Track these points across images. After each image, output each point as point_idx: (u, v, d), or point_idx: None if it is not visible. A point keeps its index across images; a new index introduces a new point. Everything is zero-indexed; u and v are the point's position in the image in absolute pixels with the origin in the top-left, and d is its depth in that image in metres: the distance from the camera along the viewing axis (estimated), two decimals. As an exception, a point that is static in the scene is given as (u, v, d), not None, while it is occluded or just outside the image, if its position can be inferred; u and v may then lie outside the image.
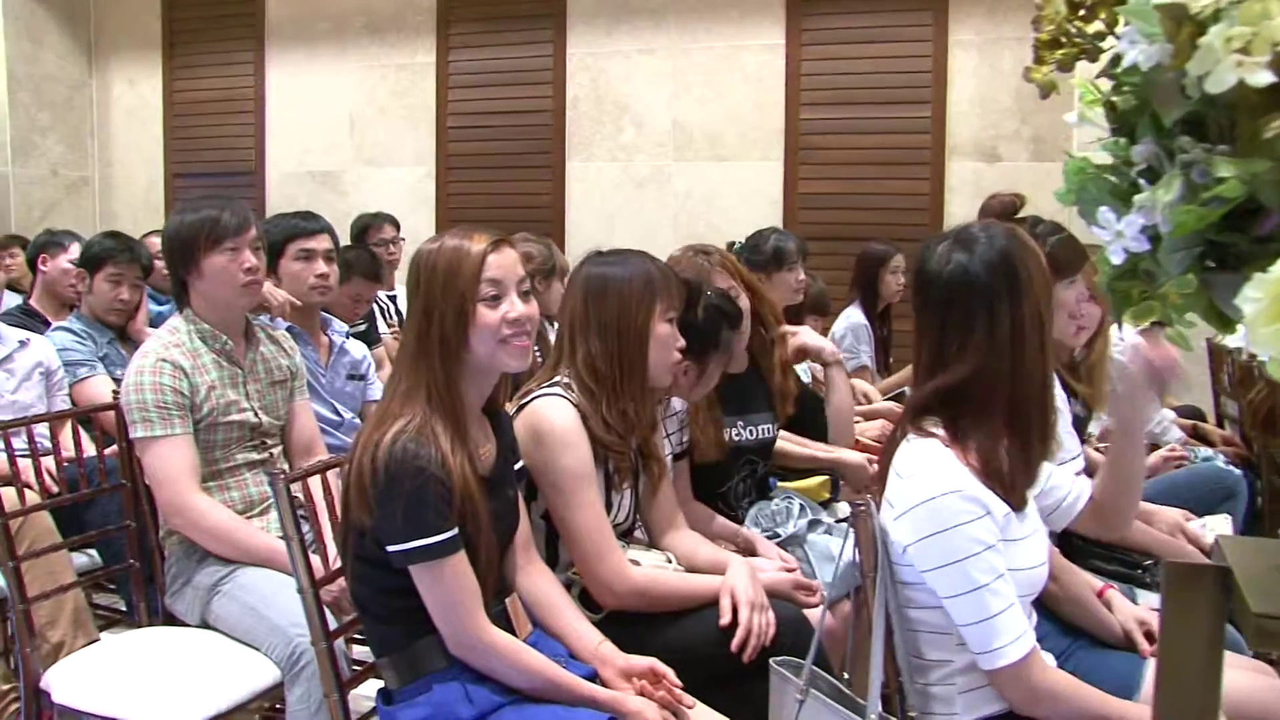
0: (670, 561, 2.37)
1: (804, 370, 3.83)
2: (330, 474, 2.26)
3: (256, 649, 2.45)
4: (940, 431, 1.82)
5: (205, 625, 2.58)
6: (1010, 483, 1.81)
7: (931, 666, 1.85)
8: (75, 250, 4.17)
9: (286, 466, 2.82)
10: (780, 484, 3.10)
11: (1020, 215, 4.31)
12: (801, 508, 2.85)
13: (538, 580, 2.13)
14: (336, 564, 2.11)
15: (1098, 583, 2.28)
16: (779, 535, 2.75)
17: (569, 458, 2.20)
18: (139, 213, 7.92)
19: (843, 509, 3.26)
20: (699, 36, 6.54)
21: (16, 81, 7.58)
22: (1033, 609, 1.91)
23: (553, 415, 2.22)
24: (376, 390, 3.53)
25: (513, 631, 1.97)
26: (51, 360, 3.49)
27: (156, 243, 4.72)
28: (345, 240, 6.38)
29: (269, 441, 2.79)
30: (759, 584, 2.24)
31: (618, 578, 2.20)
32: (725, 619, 2.15)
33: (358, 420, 3.42)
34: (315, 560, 2.16)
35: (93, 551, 3.15)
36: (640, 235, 6.44)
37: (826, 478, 3.28)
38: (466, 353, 1.92)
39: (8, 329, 3.47)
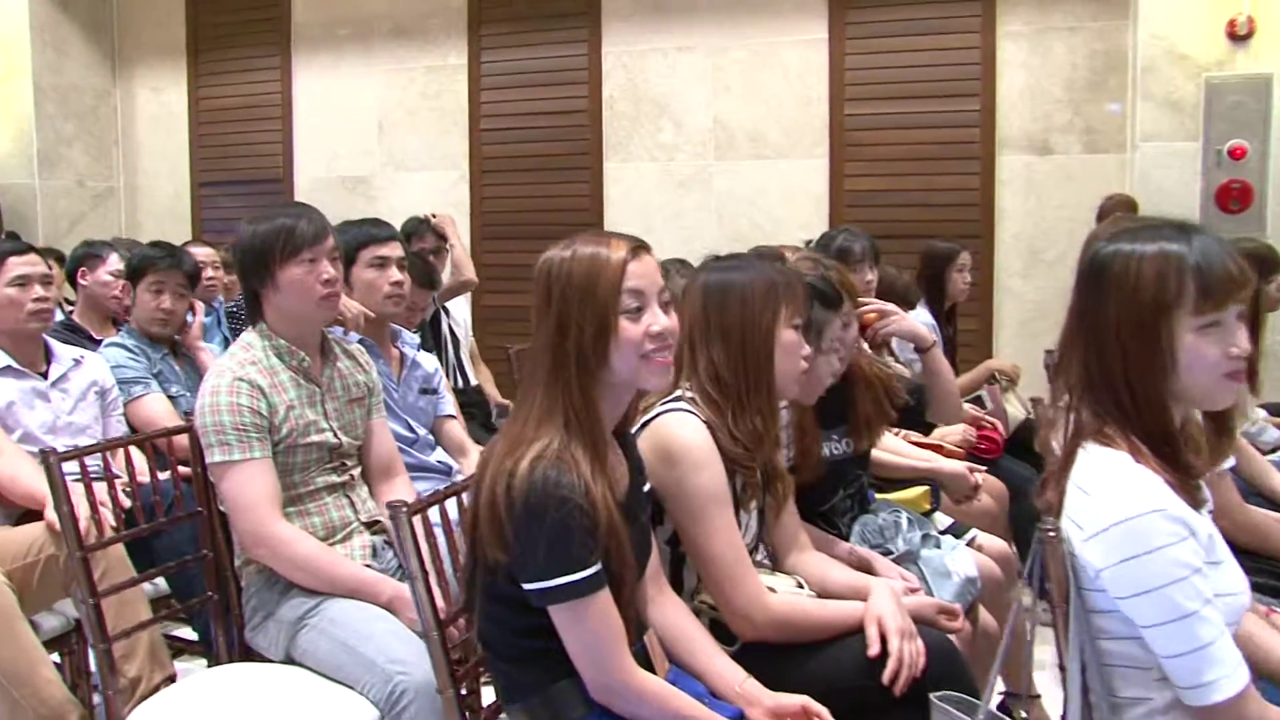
0: (802, 586, 2.22)
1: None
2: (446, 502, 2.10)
3: (350, 687, 2.29)
4: (1124, 441, 1.67)
5: (290, 661, 2.43)
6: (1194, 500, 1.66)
7: (1127, 705, 1.69)
8: (115, 261, 4.02)
9: (366, 490, 2.67)
10: (879, 496, 2.94)
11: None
12: (910, 521, 2.70)
13: (671, 613, 1.98)
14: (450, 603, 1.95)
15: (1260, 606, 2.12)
16: (891, 552, 2.60)
17: (702, 477, 2.04)
18: (165, 223, 7.77)
19: (942, 519, 3.11)
20: (738, 33, 6.38)
21: (42, 93, 7.46)
22: None
23: (683, 432, 2.07)
24: (448, 404, 3.39)
25: (652, 671, 1.82)
26: (106, 379, 3.34)
27: (197, 252, 4.61)
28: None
29: (348, 463, 2.65)
30: (905, 609, 2.08)
31: (757, 607, 2.04)
32: (874, 649, 1.99)
33: (431, 437, 3.27)
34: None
35: (159, 579, 3.00)
36: (682, 236, 6.31)
37: (926, 488, 3.13)
38: (605, 370, 1.77)
39: (62, 347, 3.32)
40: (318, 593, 2.42)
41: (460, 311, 5.39)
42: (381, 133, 7.21)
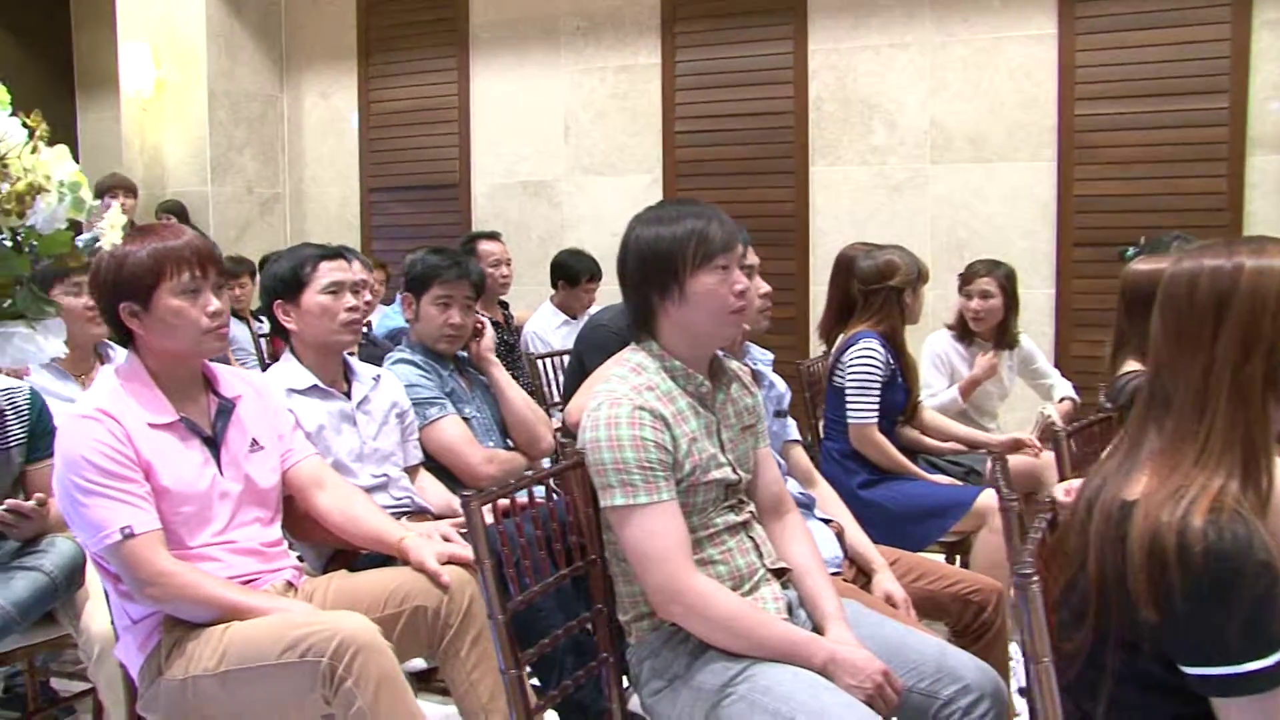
0: None
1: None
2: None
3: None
4: None
5: (708, 732, 2.09)
6: None
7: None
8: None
9: (763, 530, 2.33)
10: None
11: None
12: None
13: None
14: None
15: None
16: None
17: None
18: (332, 230, 7.55)
19: None
20: (957, 28, 5.99)
21: (216, 99, 7.30)
22: None
23: None
24: (793, 428, 3.05)
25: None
26: (403, 400, 3.03)
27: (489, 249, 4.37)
28: (554, 250, 6.01)
29: (745, 501, 2.31)
30: None
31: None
32: None
33: (785, 464, 2.93)
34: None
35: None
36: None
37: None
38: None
39: (361, 364, 3.02)
40: (739, 655, 2.08)
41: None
42: (568, 135, 6.91)
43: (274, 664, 2.09)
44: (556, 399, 4.50)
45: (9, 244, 1.73)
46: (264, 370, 4.22)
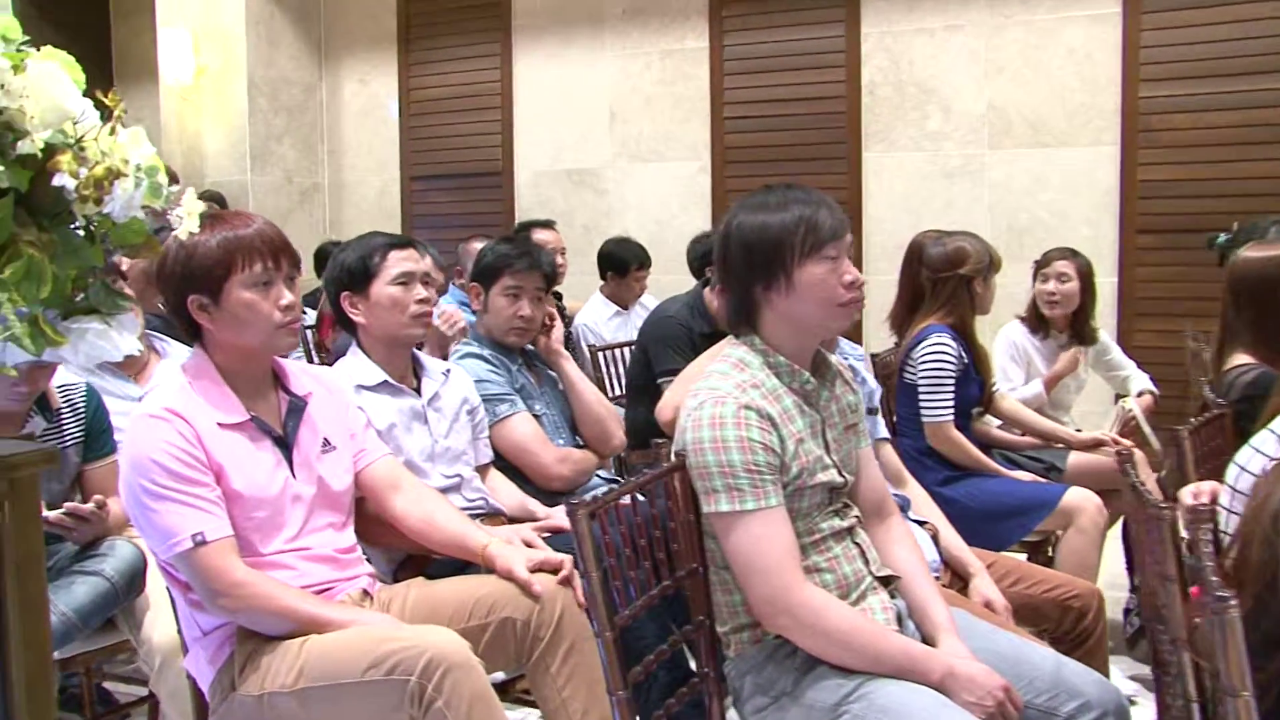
0: None
1: None
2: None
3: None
4: None
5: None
6: None
7: None
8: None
9: (867, 535, 2.19)
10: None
11: None
12: None
13: None
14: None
15: None
16: None
17: None
18: (372, 219, 7.45)
19: None
20: (1014, 9, 5.81)
21: (256, 87, 7.21)
22: None
23: None
24: (882, 426, 2.93)
25: None
26: (473, 396, 2.89)
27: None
28: (599, 239, 5.88)
29: (849, 504, 2.17)
30: None
31: None
32: None
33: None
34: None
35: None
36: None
37: None
38: None
39: (429, 358, 2.89)
40: (853, 671, 1.95)
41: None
42: (614, 122, 6.78)
43: (357, 682, 1.96)
44: (617, 393, 4.37)
45: (81, 233, 1.59)
46: (308, 363, 4.11)
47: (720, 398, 2.02)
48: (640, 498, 2.05)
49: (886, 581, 2.15)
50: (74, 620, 2.49)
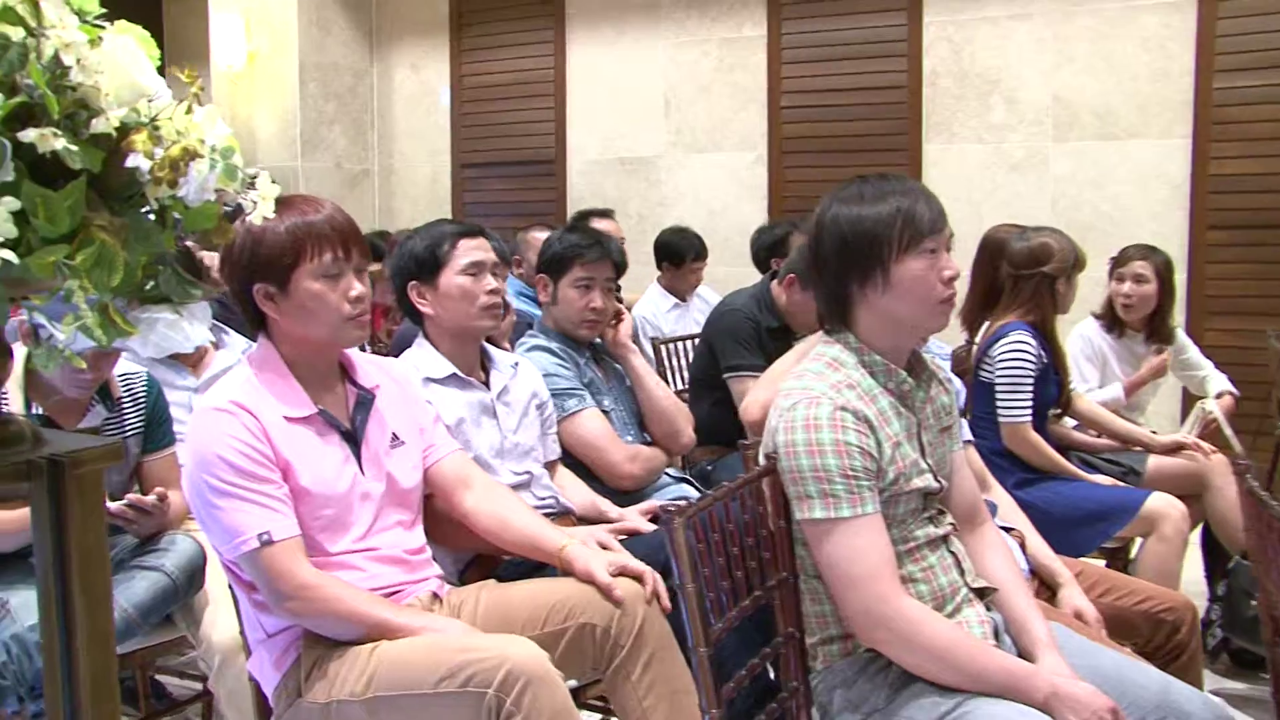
0: None
1: None
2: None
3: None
4: None
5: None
6: None
7: None
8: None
9: (962, 545, 2.08)
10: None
11: None
12: None
13: None
14: None
15: None
16: None
17: None
18: (421, 207, 7.39)
19: None
20: (1084, -3, 5.66)
21: (307, 72, 7.15)
22: None
23: None
24: (965, 429, 2.79)
25: None
26: (542, 390, 2.80)
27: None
28: (652, 229, 5.78)
29: (944, 511, 2.07)
30: None
31: None
32: None
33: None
34: None
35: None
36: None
37: None
38: None
39: (499, 351, 2.79)
40: (952, 689, 1.84)
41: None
42: (669, 110, 6.67)
43: (430, 693, 1.87)
44: (679, 387, 4.27)
45: (152, 218, 1.50)
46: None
47: (814, 398, 1.91)
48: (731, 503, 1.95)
49: (982, 593, 2.04)
50: (134, 616, 2.42)
